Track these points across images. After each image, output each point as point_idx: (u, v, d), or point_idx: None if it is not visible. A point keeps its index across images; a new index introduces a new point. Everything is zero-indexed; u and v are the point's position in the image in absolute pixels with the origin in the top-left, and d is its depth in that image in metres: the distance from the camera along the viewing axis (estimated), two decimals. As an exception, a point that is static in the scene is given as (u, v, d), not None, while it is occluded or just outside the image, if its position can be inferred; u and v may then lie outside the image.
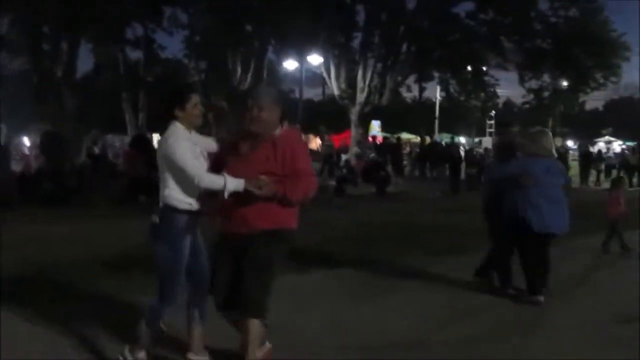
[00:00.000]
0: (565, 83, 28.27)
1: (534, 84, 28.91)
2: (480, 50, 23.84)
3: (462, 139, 34.21)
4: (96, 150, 19.55)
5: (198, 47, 25.38)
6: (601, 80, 26.43)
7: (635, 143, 47.69)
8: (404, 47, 23.75)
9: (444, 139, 32.63)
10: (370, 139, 27.56)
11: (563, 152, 27.93)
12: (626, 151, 29.73)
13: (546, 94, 29.76)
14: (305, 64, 22.50)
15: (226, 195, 3.57)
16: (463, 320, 5.30)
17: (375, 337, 4.77)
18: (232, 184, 3.55)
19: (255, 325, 3.64)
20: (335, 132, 30.02)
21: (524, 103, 34.44)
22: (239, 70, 21.02)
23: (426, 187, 21.57)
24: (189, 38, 27.56)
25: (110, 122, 28.25)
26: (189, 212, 3.71)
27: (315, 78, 33.39)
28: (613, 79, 26.39)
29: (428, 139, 28.27)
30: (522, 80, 27.71)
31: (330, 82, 23.00)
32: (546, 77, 28.10)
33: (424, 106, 30.75)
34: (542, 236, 5.69)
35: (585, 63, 24.38)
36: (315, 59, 22.83)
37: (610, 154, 29.74)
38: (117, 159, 19.06)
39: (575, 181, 25.06)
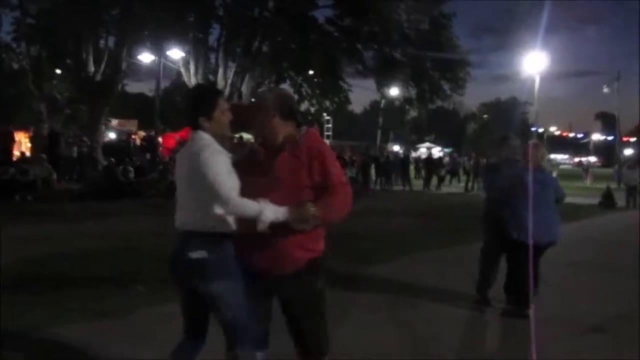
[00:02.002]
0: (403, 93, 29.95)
1: (387, 91, 30.17)
2: (337, 56, 24.19)
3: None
4: None
5: (33, 32, 22.58)
6: (448, 92, 28.27)
7: (452, 149, 52.82)
8: (263, 47, 23.34)
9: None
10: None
11: (403, 157, 29.56)
12: (458, 158, 32.29)
13: (397, 102, 31.24)
14: (163, 57, 21.19)
15: (261, 227, 2.90)
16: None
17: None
18: (272, 212, 2.92)
19: None
20: (172, 130, 28.85)
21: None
22: (91, 59, 19.05)
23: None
24: (20, 20, 24.48)
25: None
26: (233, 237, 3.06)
27: (148, 72, 31.25)
28: (459, 91, 28.37)
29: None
30: (379, 87, 28.89)
31: (189, 78, 21.83)
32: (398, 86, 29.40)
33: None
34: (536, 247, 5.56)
35: (435, 75, 25.89)
36: (175, 54, 21.59)
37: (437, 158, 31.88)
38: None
39: (418, 185, 26.66)
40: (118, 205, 14.83)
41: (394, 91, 28.38)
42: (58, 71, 24.14)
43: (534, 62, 34.80)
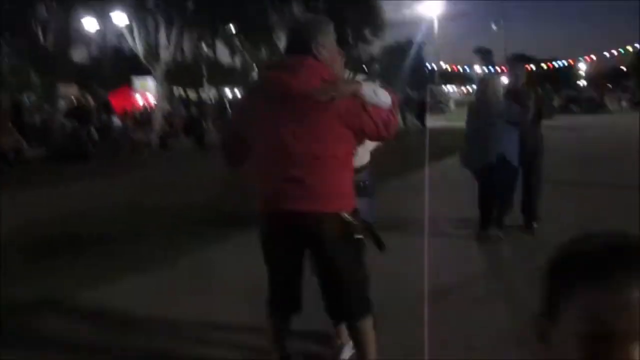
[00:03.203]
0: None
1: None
2: (268, 9, 23.69)
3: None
4: None
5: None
6: (370, 37, 28.41)
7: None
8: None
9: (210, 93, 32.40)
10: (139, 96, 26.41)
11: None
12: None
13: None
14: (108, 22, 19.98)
15: None
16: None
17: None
18: None
19: (369, 325, 2.75)
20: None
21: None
22: (40, 29, 17.69)
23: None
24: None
25: None
26: None
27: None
28: (379, 34, 28.55)
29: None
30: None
31: (133, 41, 20.71)
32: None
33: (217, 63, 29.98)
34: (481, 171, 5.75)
35: (356, 21, 25.90)
36: (119, 17, 20.35)
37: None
38: None
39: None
40: (91, 166, 14.37)
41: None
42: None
43: (430, 6, 35.55)
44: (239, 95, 31.35)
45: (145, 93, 29.37)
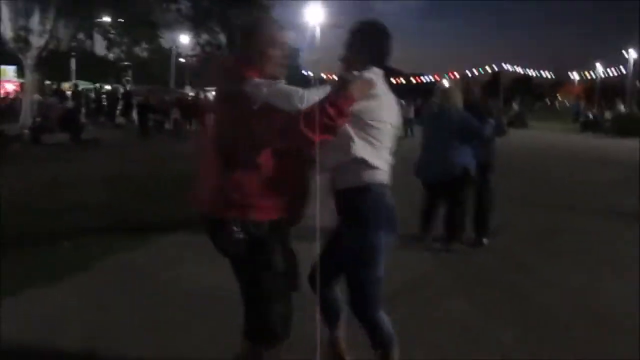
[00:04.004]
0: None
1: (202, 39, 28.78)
2: (154, 4, 22.67)
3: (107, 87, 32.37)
4: None
5: None
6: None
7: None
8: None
9: (82, 86, 30.56)
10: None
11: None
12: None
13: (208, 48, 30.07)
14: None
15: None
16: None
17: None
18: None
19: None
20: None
21: (191, 55, 34.20)
22: None
23: (119, 133, 20.50)
24: None
25: None
26: None
27: None
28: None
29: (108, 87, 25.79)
30: (195, 35, 27.50)
31: (1, 24, 18.74)
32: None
33: (89, 54, 27.88)
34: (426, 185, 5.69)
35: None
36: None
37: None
38: None
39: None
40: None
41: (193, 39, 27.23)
42: None
43: (314, 14, 36.11)
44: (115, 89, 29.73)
45: (6, 82, 26.90)
